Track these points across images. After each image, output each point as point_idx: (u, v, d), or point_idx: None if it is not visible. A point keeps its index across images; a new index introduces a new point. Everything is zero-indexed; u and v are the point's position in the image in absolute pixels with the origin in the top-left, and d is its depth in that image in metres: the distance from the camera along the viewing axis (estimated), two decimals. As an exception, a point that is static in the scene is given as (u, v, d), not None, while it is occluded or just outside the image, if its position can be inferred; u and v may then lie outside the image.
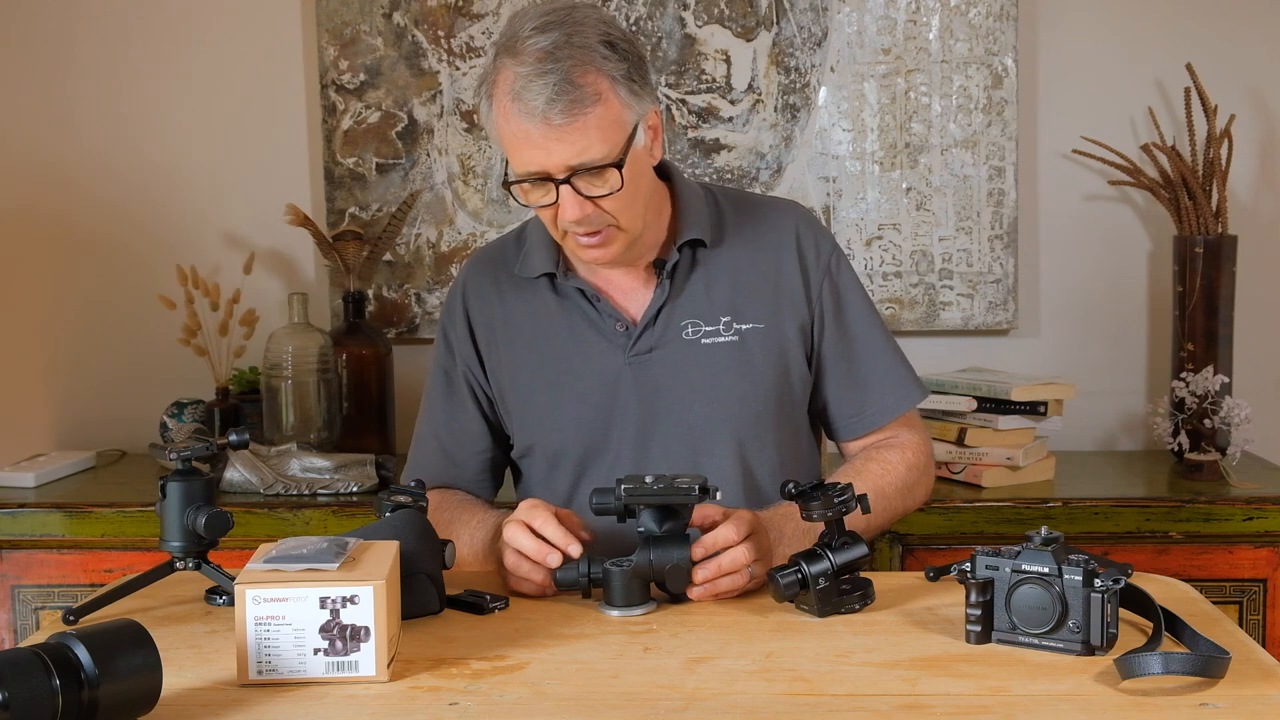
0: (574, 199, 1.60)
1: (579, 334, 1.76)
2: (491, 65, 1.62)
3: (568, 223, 1.63)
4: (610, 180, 1.60)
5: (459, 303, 1.84)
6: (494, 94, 1.61)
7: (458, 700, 1.24)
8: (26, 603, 2.42)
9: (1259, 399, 2.68)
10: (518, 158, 1.61)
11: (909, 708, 1.21)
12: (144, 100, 2.84)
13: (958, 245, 2.77)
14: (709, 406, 1.73)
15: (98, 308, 2.89)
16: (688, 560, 1.47)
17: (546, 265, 1.76)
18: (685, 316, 1.74)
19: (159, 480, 1.53)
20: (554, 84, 1.55)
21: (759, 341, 1.74)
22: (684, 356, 1.73)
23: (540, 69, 1.55)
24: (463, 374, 1.82)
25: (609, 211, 1.63)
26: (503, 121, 1.60)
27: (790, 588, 1.46)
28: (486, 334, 1.81)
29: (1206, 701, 1.21)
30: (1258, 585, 2.36)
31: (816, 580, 1.45)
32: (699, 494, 1.46)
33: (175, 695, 1.24)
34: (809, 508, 1.48)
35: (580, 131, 1.57)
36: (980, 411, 2.51)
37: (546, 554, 1.50)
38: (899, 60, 2.75)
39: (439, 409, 1.84)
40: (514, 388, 1.79)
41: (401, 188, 2.80)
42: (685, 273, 1.76)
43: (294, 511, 2.40)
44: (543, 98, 1.55)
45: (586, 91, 1.56)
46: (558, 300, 1.77)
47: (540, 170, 1.60)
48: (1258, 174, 2.78)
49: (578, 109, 1.56)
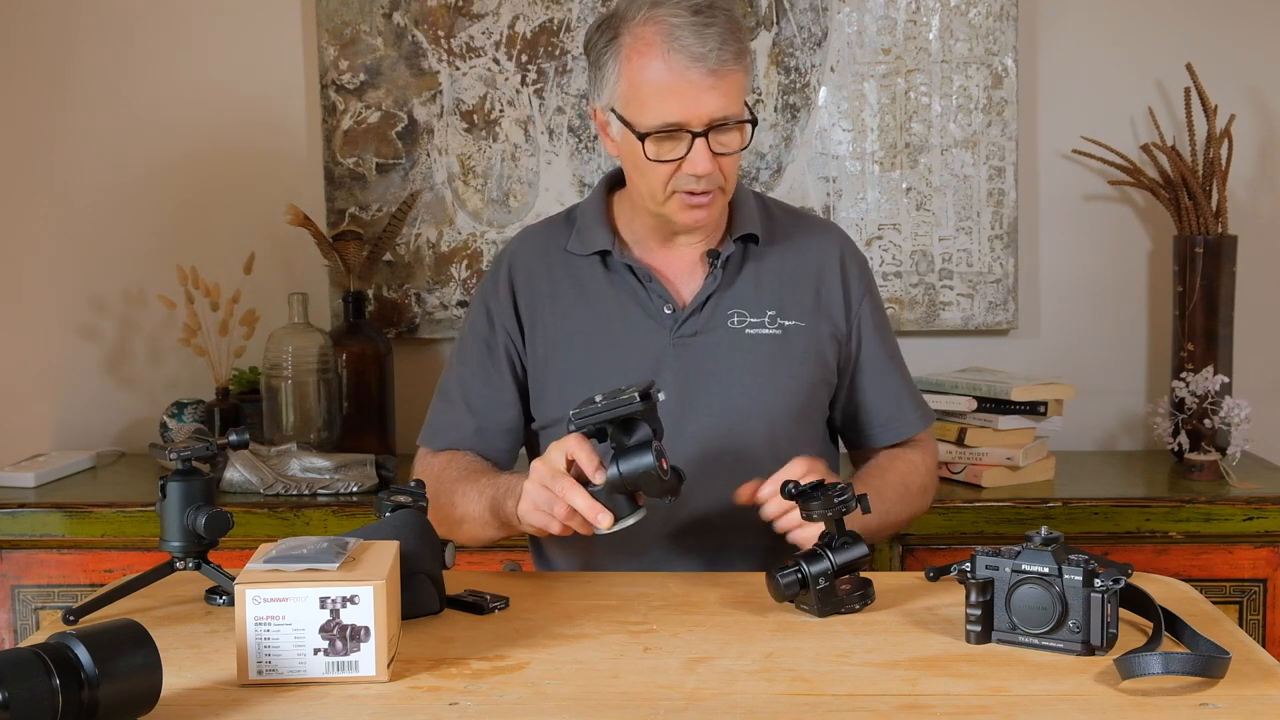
0: (706, 153, 1.64)
1: (627, 312, 1.79)
2: (630, 17, 1.65)
3: (691, 177, 1.66)
4: (743, 136, 1.67)
5: (504, 275, 1.85)
6: (638, 43, 1.64)
7: (458, 700, 1.24)
8: (26, 603, 2.42)
9: (1259, 399, 2.68)
10: (657, 108, 1.64)
11: (909, 708, 1.21)
12: (144, 100, 2.84)
13: (958, 245, 2.77)
14: (748, 393, 1.77)
15: (98, 308, 2.89)
16: (653, 464, 1.48)
17: (602, 243, 1.80)
18: (732, 306, 1.79)
19: (159, 480, 1.53)
20: (717, 34, 1.62)
21: (800, 339, 1.80)
22: (728, 343, 1.78)
23: (701, 20, 1.62)
24: (503, 344, 1.84)
25: (724, 172, 1.68)
26: (649, 69, 1.63)
27: (790, 587, 1.46)
28: (531, 307, 1.83)
29: (1206, 701, 1.21)
30: (1258, 585, 2.36)
31: (817, 580, 1.46)
32: (640, 400, 1.47)
33: (175, 695, 1.24)
34: (809, 507, 1.49)
35: (732, 84, 1.64)
36: (980, 411, 2.52)
37: (598, 513, 1.51)
38: (899, 60, 2.75)
39: (475, 376, 1.85)
40: (556, 359, 1.81)
41: (401, 188, 2.80)
42: (736, 265, 1.80)
43: (294, 511, 2.40)
44: (710, 45, 1.61)
45: (741, 47, 1.65)
46: (608, 278, 1.81)
47: (680, 121, 1.64)
48: (1258, 174, 2.78)
49: (735, 62, 1.64)
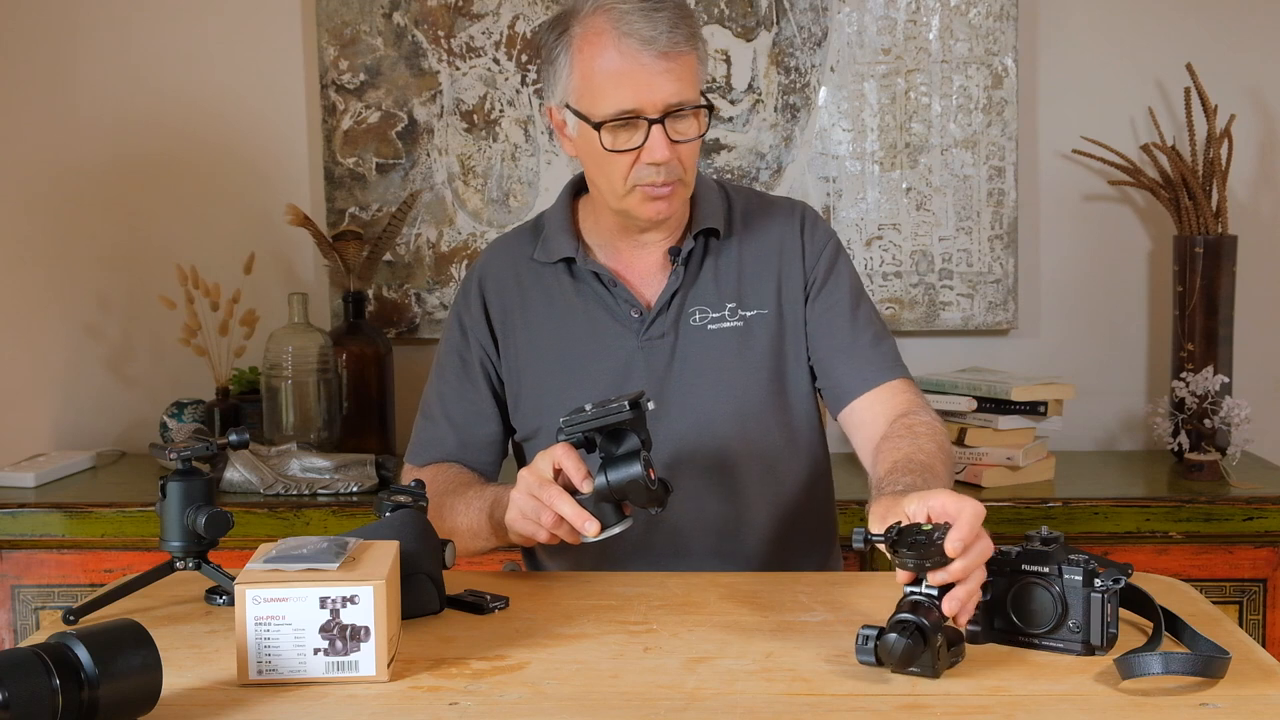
0: (664, 139, 1.64)
1: (594, 318, 1.79)
2: (579, 11, 1.66)
3: (651, 167, 1.66)
4: (700, 123, 1.68)
5: (475, 289, 1.86)
6: (589, 33, 1.65)
7: (458, 700, 1.24)
8: (26, 603, 2.42)
9: (1259, 399, 2.68)
10: (610, 97, 1.64)
11: (909, 708, 1.21)
12: (143, 99, 2.84)
13: (958, 245, 2.77)
14: (713, 390, 1.76)
15: (98, 308, 2.89)
16: (641, 474, 1.47)
17: (566, 250, 1.80)
18: (694, 303, 1.79)
19: (159, 480, 1.53)
20: (666, 18, 1.63)
21: (763, 327, 1.78)
22: (689, 341, 1.78)
23: (652, 5, 1.63)
24: (478, 358, 1.84)
25: (683, 162, 1.68)
26: (601, 58, 1.64)
27: (906, 651, 1.24)
28: (502, 318, 1.84)
29: (1206, 701, 1.21)
30: (1258, 585, 2.36)
31: (935, 636, 1.26)
32: (630, 409, 1.47)
33: (175, 695, 1.24)
34: (901, 554, 1.29)
35: (685, 68, 1.64)
36: (980, 411, 2.52)
37: (585, 520, 1.50)
38: (899, 60, 2.75)
39: (452, 391, 1.85)
40: (529, 369, 1.81)
41: (401, 188, 2.80)
42: (698, 261, 1.80)
43: (294, 511, 2.40)
44: (660, 29, 1.62)
45: (691, 30, 1.65)
46: (574, 285, 1.81)
47: (634, 108, 1.64)
48: (1258, 174, 2.78)
49: (687, 45, 1.64)
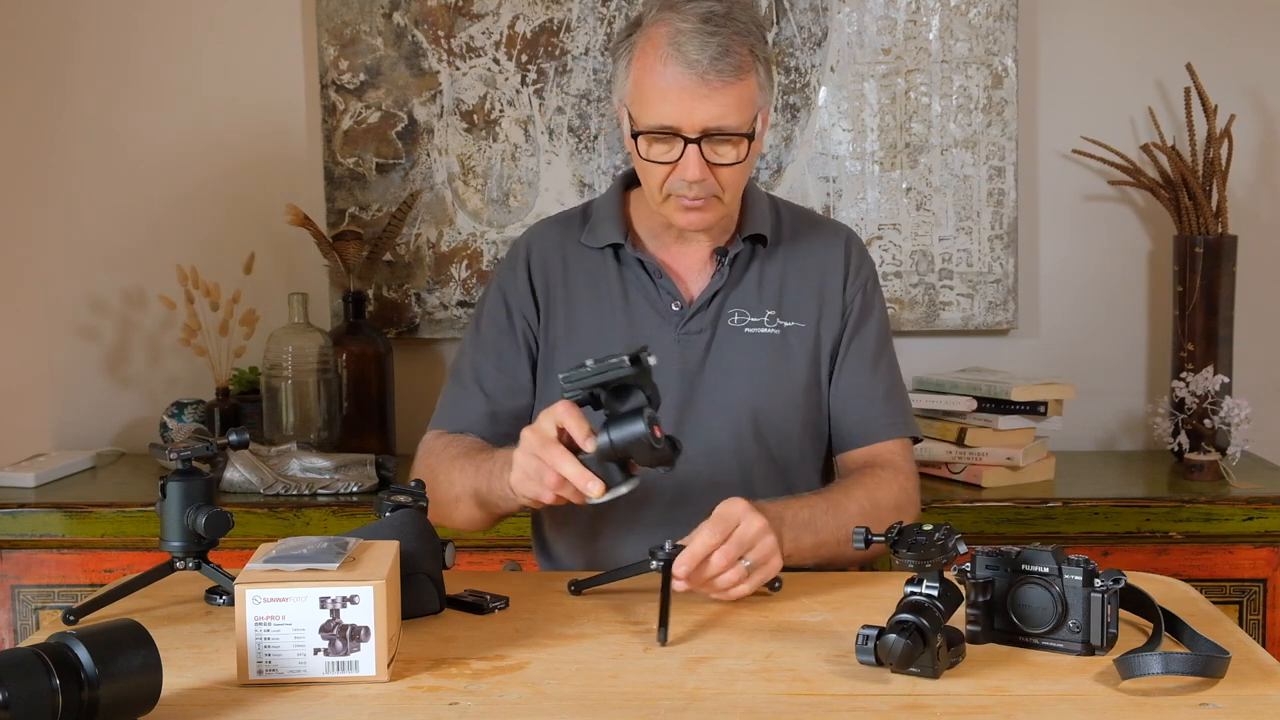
0: (698, 160, 1.66)
1: (634, 306, 1.82)
2: (646, 17, 1.68)
3: (684, 182, 1.68)
4: (738, 150, 1.69)
5: (522, 262, 1.87)
6: (647, 43, 1.67)
7: (458, 700, 1.24)
8: (26, 603, 2.42)
9: (1259, 399, 2.67)
10: (655, 109, 1.66)
11: (909, 708, 1.21)
12: (144, 99, 2.84)
13: (958, 245, 2.77)
14: (743, 391, 1.79)
15: (98, 308, 2.89)
16: (644, 432, 1.44)
17: (615, 236, 1.83)
18: (735, 304, 1.81)
19: (159, 480, 1.53)
20: (719, 44, 1.63)
21: (799, 340, 1.81)
22: (726, 341, 1.80)
23: (707, 29, 1.64)
24: (520, 331, 1.85)
25: (720, 182, 1.69)
26: (651, 70, 1.66)
27: (906, 651, 1.25)
28: (546, 294, 1.85)
29: (1206, 701, 1.21)
30: (1258, 585, 2.36)
31: (935, 637, 1.27)
32: (630, 364, 1.45)
33: (175, 695, 1.24)
34: (902, 554, 1.33)
35: (728, 96, 1.65)
36: (980, 411, 2.51)
37: (587, 481, 1.47)
38: (899, 60, 2.75)
39: (489, 362, 1.85)
40: (563, 349, 1.82)
41: (401, 188, 2.80)
42: (743, 265, 1.83)
43: (294, 511, 2.40)
44: (708, 54, 1.63)
45: (744, 60, 1.66)
46: (619, 272, 1.83)
47: (673, 125, 1.66)
48: (1258, 174, 2.78)
49: (733, 75, 1.64)
